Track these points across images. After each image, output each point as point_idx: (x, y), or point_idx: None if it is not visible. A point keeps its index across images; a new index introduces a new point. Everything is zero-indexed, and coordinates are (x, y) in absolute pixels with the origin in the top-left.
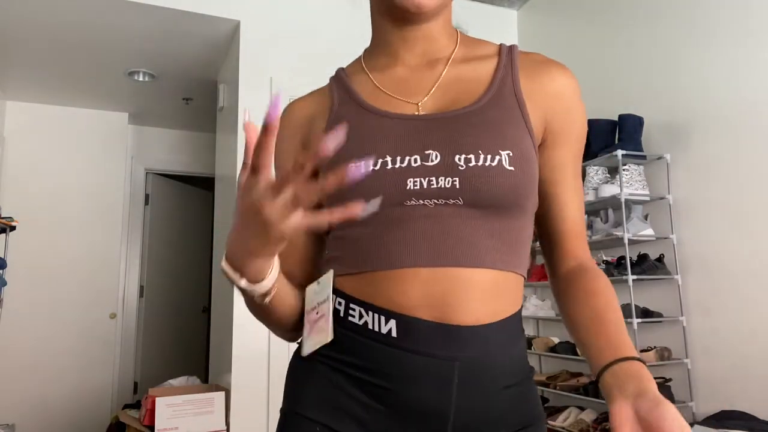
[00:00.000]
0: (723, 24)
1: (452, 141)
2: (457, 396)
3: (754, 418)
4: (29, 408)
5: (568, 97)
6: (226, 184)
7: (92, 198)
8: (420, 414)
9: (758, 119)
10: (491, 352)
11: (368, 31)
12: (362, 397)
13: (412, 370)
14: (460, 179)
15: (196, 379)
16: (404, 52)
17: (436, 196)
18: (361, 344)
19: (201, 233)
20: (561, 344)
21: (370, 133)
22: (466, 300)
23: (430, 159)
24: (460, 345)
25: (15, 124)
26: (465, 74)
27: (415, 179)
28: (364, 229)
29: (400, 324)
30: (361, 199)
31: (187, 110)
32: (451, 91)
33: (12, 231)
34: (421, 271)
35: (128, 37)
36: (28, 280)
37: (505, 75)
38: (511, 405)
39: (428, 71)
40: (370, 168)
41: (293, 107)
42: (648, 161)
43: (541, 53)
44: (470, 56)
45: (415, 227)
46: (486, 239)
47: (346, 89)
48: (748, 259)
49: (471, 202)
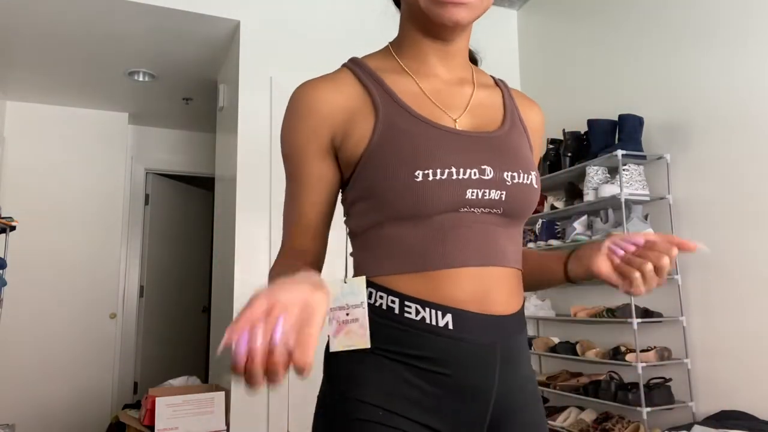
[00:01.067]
0: (723, 24)
1: (500, 159)
2: (498, 378)
3: (754, 418)
4: (29, 408)
5: (542, 128)
6: (226, 184)
7: (92, 198)
8: (470, 393)
9: (758, 119)
10: (514, 337)
11: (368, 32)
12: (417, 381)
13: (467, 356)
14: (507, 193)
15: (196, 379)
16: (437, 63)
17: (485, 206)
18: (419, 336)
19: (201, 233)
20: (561, 344)
21: (432, 144)
22: (501, 293)
23: (486, 173)
24: (499, 331)
25: (15, 124)
26: (486, 100)
27: (473, 190)
28: (419, 232)
29: (456, 317)
30: (423, 201)
31: (187, 110)
32: (478, 113)
33: (12, 231)
34: (471, 270)
35: (128, 37)
36: (28, 280)
37: (510, 105)
38: (527, 381)
39: (459, 89)
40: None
41: (319, 94)
42: (648, 161)
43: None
44: (483, 83)
45: (467, 232)
46: (508, 242)
47: (385, 88)
48: (748, 259)
49: (508, 211)
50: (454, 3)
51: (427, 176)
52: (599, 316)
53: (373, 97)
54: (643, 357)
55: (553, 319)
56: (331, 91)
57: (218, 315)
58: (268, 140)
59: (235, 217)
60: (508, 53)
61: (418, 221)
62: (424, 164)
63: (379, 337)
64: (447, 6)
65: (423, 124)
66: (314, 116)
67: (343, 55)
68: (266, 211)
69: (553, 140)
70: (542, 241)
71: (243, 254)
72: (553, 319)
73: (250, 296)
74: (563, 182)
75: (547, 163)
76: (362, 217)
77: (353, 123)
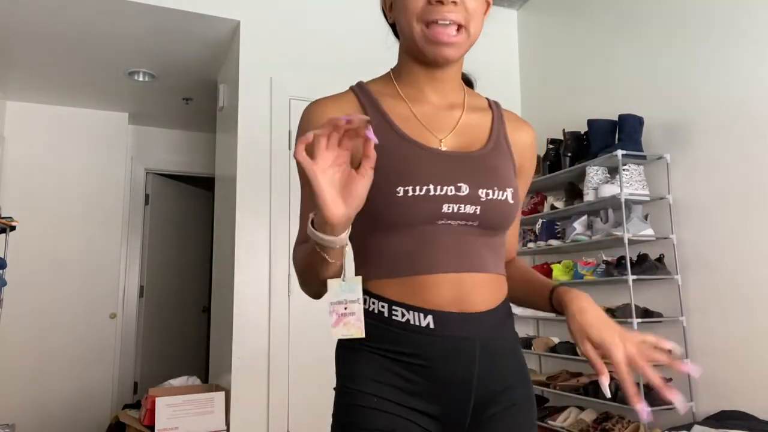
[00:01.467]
0: (723, 24)
1: (476, 177)
2: (479, 366)
3: (754, 418)
4: (29, 408)
5: (533, 148)
6: (226, 184)
7: (92, 198)
8: (453, 381)
9: (758, 119)
10: (494, 330)
11: (367, 32)
12: (406, 373)
13: (447, 351)
14: (481, 208)
15: (196, 379)
16: (430, 91)
17: (461, 219)
18: (405, 336)
19: (201, 233)
20: (561, 344)
21: (411, 161)
22: (480, 295)
23: (462, 190)
24: (476, 327)
25: (15, 124)
26: (473, 122)
27: (449, 205)
28: (401, 241)
29: (436, 318)
30: (403, 214)
31: (187, 110)
32: (464, 134)
33: (12, 231)
34: (448, 276)
35: (128, 37)
36: (28, 280)
37: (498, 127)
38: (510, 366)
39: (449, 112)
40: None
41: (323, 109)
42: (648, 161)
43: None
44: (474, 106)
45: (444, 242)
46: (486, 251)
47: (380, 112)
48: (748, 259)
49: (483, 224)
50: (444, 43)
51: (407, 192)
52: None
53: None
54: None
55: (553, 319)
56: (332, 109)
57: (218, 315)
58: (268, 140)
59: (235, 217)
60: (508, 53)
61: (400, 232)
62: (405, 181)
63: (373, 337)
64: (438, 45)
65: (409, 144)
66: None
67: (343, 55)
68: (266, 210)
69: (553, 140)
70: (542, 241)
71: (243, 254)
72: (553, 320)
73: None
74: (563, 182)
75: (547, 163)
76: (355, 226)
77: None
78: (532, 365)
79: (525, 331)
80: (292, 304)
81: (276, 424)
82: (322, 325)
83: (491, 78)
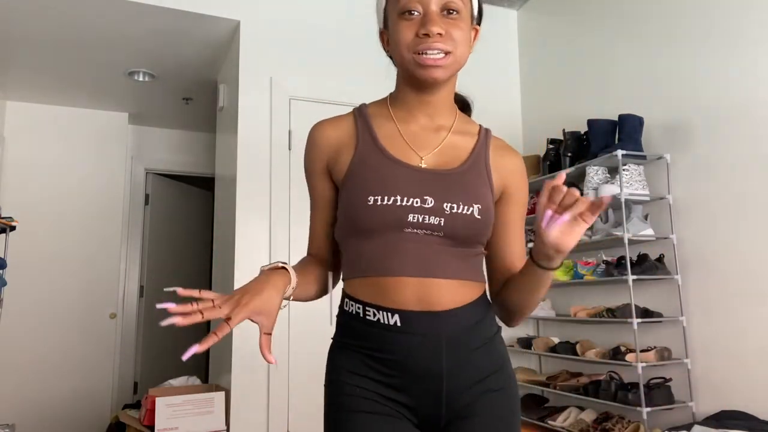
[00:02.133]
0: (723, 24)
1: (443, 192)
2: (446, 360)
3: (754, 418)
4: (29, 408)
5: (519, 173)
6: (226, 184)
7: (92, 198)
8: (422, 375)
9: (758, 119)
10: (462, 326)
11: (366, 32)
12: (381, 368)
13: (414, 346)
14: (445, 220)
15: (196, 379)
16: (419, 112)
17: (426, 228)
18: (376, 334)
19: (201, 233)
20: (561, 344)
21: (388, 176)
22: (444, 296)
23: (427, 203)
24: (441, 324)
25: (15, 124)
26: (457, 143)
27: (414, 215)
28: (372, 245)
29: (402, 316)
30: (372, 220)
31: (187, 110)
32: (445, 154)
33: (12, 231)
34: (411, 280)
35: (128, 37)
36: (28, 280)
37: (480, 150)
38: (482, 358)
39: (435, 133)
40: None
41: (323, 130)
42: (648, 161)
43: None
44: (462, 130)
45: (408, 248)
46: (452, 259)
47: (371, 132)
48: (748, 259)
49: (449, 235)
50: (432, 66)
51: (376, 201)
52: (599, 316)
53: (357, 136)
54: (643, 357)
55: (553, 319)
56: (331, 129)
57: None
58: (268, 140)
59: (235, 217)
60: (508, 53)
61: (371, 237)
62: (376, 192)
63: (352, 335)
64: (427, 68)
65: (388, 160)
66: (317, 146)
67: (342, 55)
68: (266, 211)
69: (553, 140)
70: None
71: (243, 254)
72: (553, 319)
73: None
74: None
75: (547, 163)
76: (338, 230)
77: (340, 154)
78: (532, 365)
79: (525, 331)
80: (292, 304)
81: (276, 424)
82: (322, 325)
83: (491, 78)
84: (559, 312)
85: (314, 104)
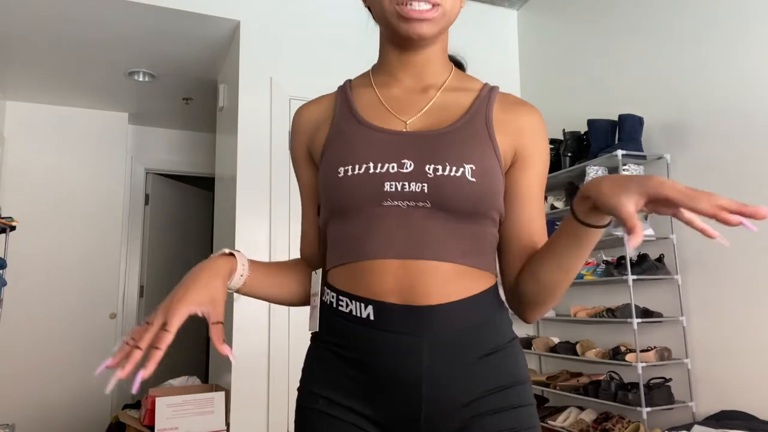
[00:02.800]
0: (723, 24)
1: (425, 153)
2: (427, 367)
3: (754, 418)
4: (29, 408)
5: (535, 131)
6: (226, 184)
7: (92, 198)
8: (394, 385)
9: (758, 119)
10: (456, 328)
11: (367, 32)
12: (350, 371)
13: (386, 346)
14: (428, 185)
15: (196, 379)
16: (402, 73)
17: (408, 199)
18: (347, 328)
19: (201, 233)
20: (561, 344)
21: (360, 143)
22: (432, 285)
23: (405, 167)
24: (424, 323)
25: (15, 124)
26: (450, 101)
27: (391, 182)
28: (350, 226)
29: (376, 309)
30: (345, 196)
31: (187, 110)
32: (434, 115)
33: (12, 231)
34: (393, 263)
35: (128, 37)
36: (28, 280)
37: (480, 105)
38: (483, 372)
39: (421, 95)
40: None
41: (302, 112)
42: (648, 161)
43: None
44: (459, 87)
45: (389, 224)
46: (447, 237)
47: (348, 103)
48: (748, 259)
49: (438, 205)
50: (419, 19)
51: (347, 172)
52: (599, 316)
53: (335, 110)
54: (643, 357)
55: (553, 319)
56: (310, 109)
57: None
58: (268, 140)
59: (235, 217)
60: (508, 53)
61: (349, 216)
62: (347, 161)
63: (326, 329)
64: (411, 22)
65: (363, 127)
66: (296, 132)
67: (343, 55)
68: (266, 210)
69: (553, 140)
70: None
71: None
72: (553, 319)
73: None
74: (563, 182)
75: None
76: (321, 217)
77: (318, 131)
78: (532, 365)
79: (525, 331)
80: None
81: (276, 424)
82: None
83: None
84: (559, 312)
85: None
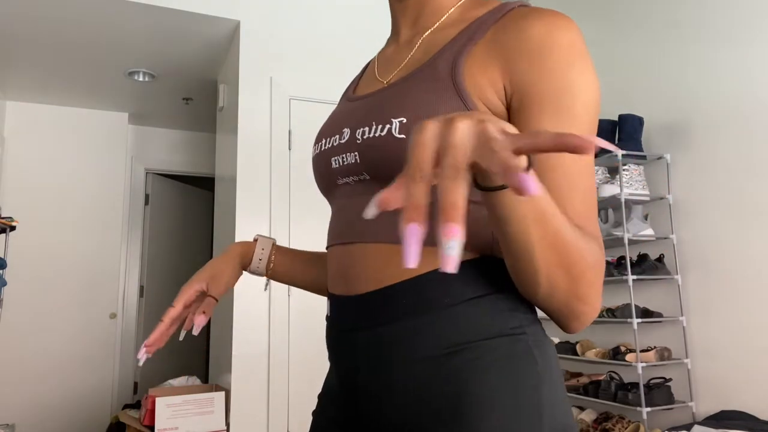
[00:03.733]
0: (723, 24)
1: (362, 116)
2: (361, 366)
3: (754, 418)
4: (29, 408)
5: (533, 50)
6: (226, 184)
7: (92, 198)
8: (343, 391)
9: (758, 119)
10: (390, 316)
11: (367, 32)
12: (333, 378)
13: (337, 344)
14: (359, 153)
15: (196, 379)
16: (401, 24)
17: (351, 173)
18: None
19: (201, 233)
20: (561, 344)
21: (328, 119)
22: (366, 270)
23: (343, 136)
24: (360, 312)
25: (15, 124)
26: (433, 44)
27: (335, 157)
28: (331, 214)
29: (331, 302)
30: (316, 179)
31: (187, 110)
32: (413, 66)
33: (12, 231)
34: (337, 250)
35: (128, 37)
36: (28, 280)
37: (460, 38)
38: (426, 380)
39: (408, 46)
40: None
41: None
42: (648, 161)
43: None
44: (458, 19)
45: (340, 206)
46: (389, 214)
47: (359, 76)
48: (748, 259)
49: (374, 175)
50: None
51: (314, 151)
52: (599, 316)
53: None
54: (643, 357)
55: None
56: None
57: (218, 315)
58: (268, 140)
59: (235, 217)
60: None
61: (331, 204)
62: (316, 140)
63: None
64: None
65: (344, 100)
66: None
67: (343, 55)
68: (266, 211)
69: None
70: None
71: None
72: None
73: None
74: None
75: None
76: None
77: None
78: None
79: None
80: (292, 303)
81: (276, 424)
82: (322, 325)
83: None
84: None
85: (314, 104)
